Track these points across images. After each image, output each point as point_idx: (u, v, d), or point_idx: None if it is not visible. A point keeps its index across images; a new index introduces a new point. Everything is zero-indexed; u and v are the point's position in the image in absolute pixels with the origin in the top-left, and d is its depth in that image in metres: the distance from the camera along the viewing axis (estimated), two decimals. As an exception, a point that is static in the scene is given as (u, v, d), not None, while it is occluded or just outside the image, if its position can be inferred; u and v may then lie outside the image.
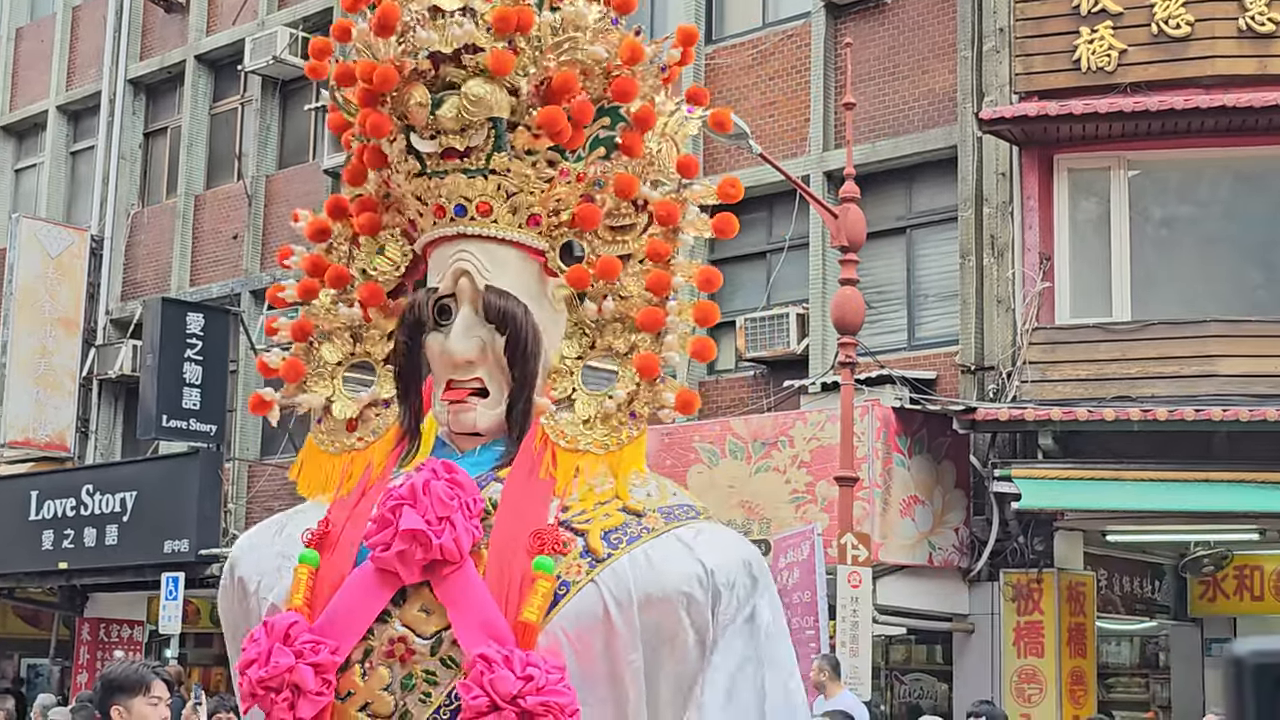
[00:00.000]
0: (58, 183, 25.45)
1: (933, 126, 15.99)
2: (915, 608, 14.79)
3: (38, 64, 26.24)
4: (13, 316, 23.00)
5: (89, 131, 25.29)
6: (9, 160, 26.65)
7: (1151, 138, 14.78)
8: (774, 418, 15.70)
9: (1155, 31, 14.54)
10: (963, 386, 15.27)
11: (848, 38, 16.01)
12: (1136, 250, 15.04)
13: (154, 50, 24.19)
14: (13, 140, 26.75)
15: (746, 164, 16.32)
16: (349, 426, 2.79)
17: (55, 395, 23.31)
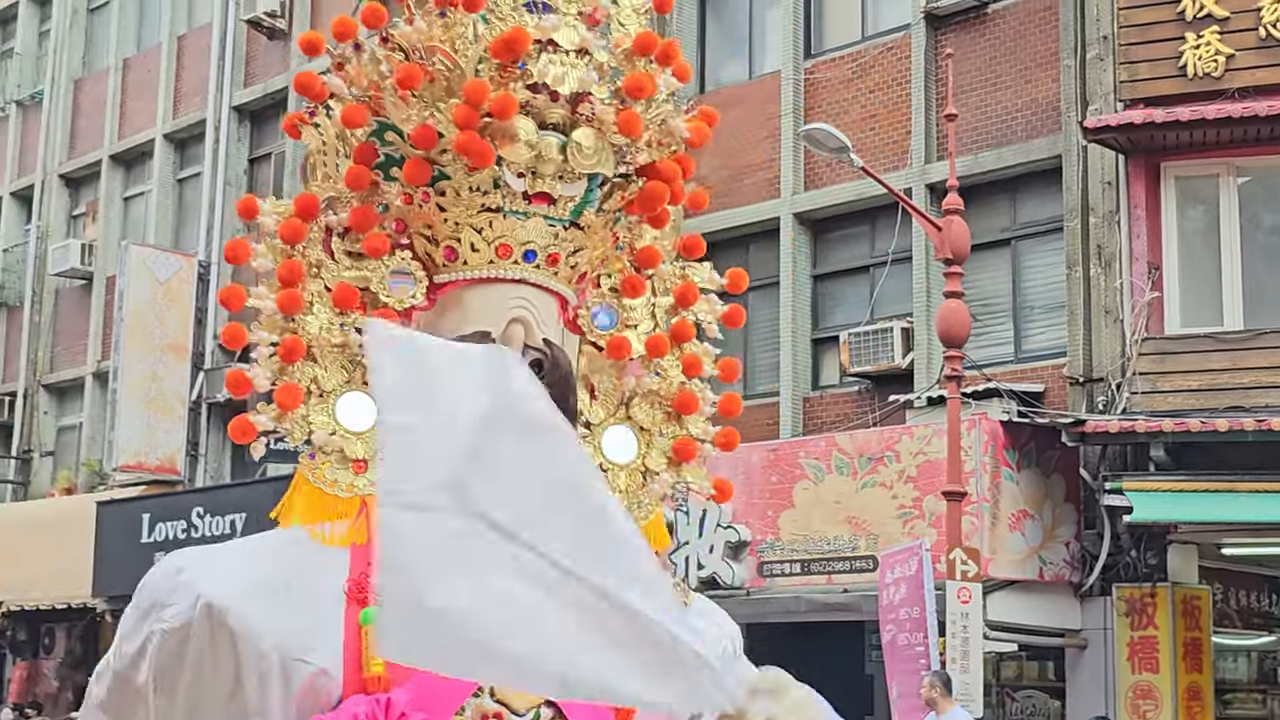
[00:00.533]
0: (165, 210, 25.79)
1: (1036, 136, 15.84)
2: (1026, 623, 14.62)
3: (144, 93, 26.61)
4: (123, 342, 23.33)
5: (195, 158, 25.60)
6: (118, 189, 27.03)
7: (1260, 143, 14.55)
8: (880, 433, 15.60)
9: (1263, 35, 14.34)
10: (1071, 399, 15.10)
11: (948, 48, 15.93)
12: (1247, 258, 14.82)
13: (257, 77, 24.50)
14: (121, 169, 27.13)
15: (848, 178, 16.31)
16: (357, 468, 2.56)
17: (165, 419, 23.61)
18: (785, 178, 17.64)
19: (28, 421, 27.35)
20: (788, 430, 17.02)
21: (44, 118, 28.41)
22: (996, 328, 16.20)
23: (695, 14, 19.24)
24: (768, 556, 15.69)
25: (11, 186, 29.03)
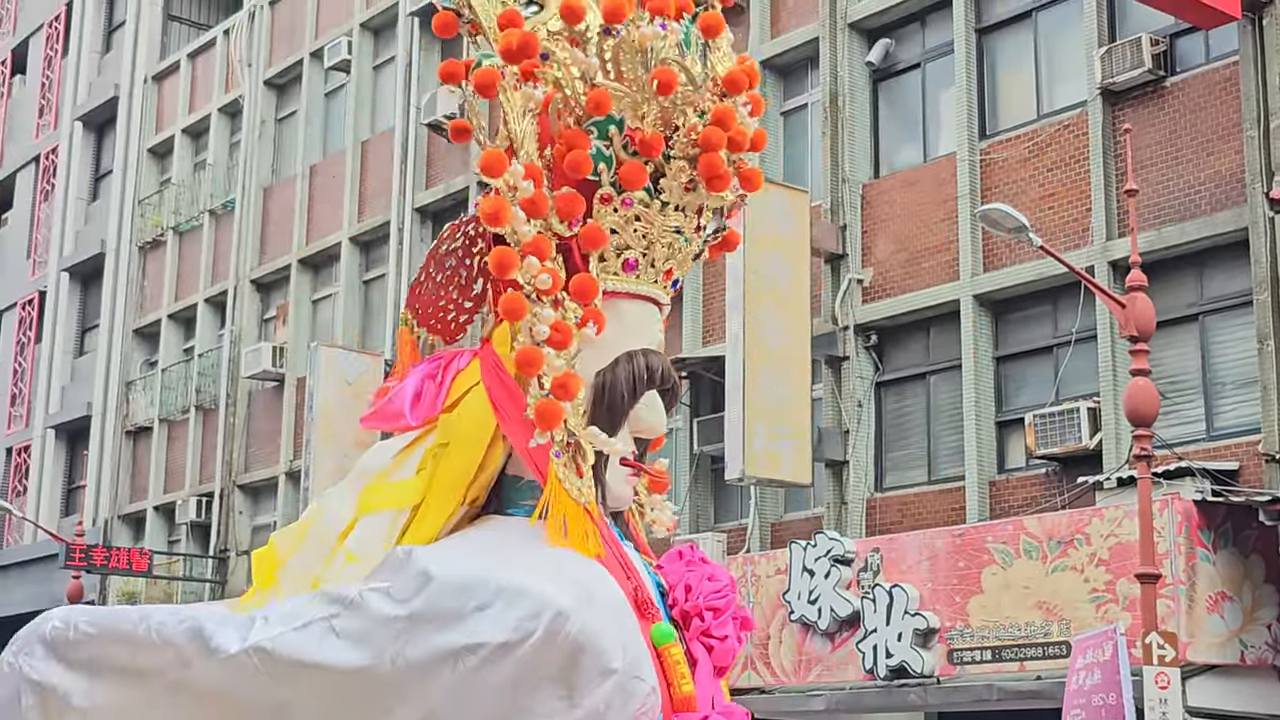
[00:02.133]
0: (352, 311, 26.32)
1: (1221, 209, 15.56)
2: (1229, 709, 14.21)
3: (330, 198, 27.26)
4: (314, 442, 23.80)
5: (380, 260, 26.12)
6: (306, 292, 27.66)
7: None
8: (1069, 515, 15.34)
9: None
10: (1268, 476, 14.71)
11: (1126, 124, 15.75)
12: None
13: (438, 178, 25.00)
14: (309, 272, 27.77)
15: (1028, 257, 16.17)
16: (579, 473, 2.41)
17: (356, 516, 24.03)
18: (964, 259, 17.53)
19: (224, 521, 27.95)
20: (974, 514, 16.80)
21: (235, 225, 29.23)
22: (1186, 405, 15.87)
23: (868, 97, 19.29)
24: (957, 644, 15.47)
25: (206, 294, 29.86)
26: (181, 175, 31.52)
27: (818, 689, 16.64)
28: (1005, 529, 15.62)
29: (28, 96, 38.04)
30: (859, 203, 18.92)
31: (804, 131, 20.03)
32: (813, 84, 19.90)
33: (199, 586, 27.88)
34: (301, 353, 26.28)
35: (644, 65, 2.42)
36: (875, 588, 16.09)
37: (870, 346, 18.65)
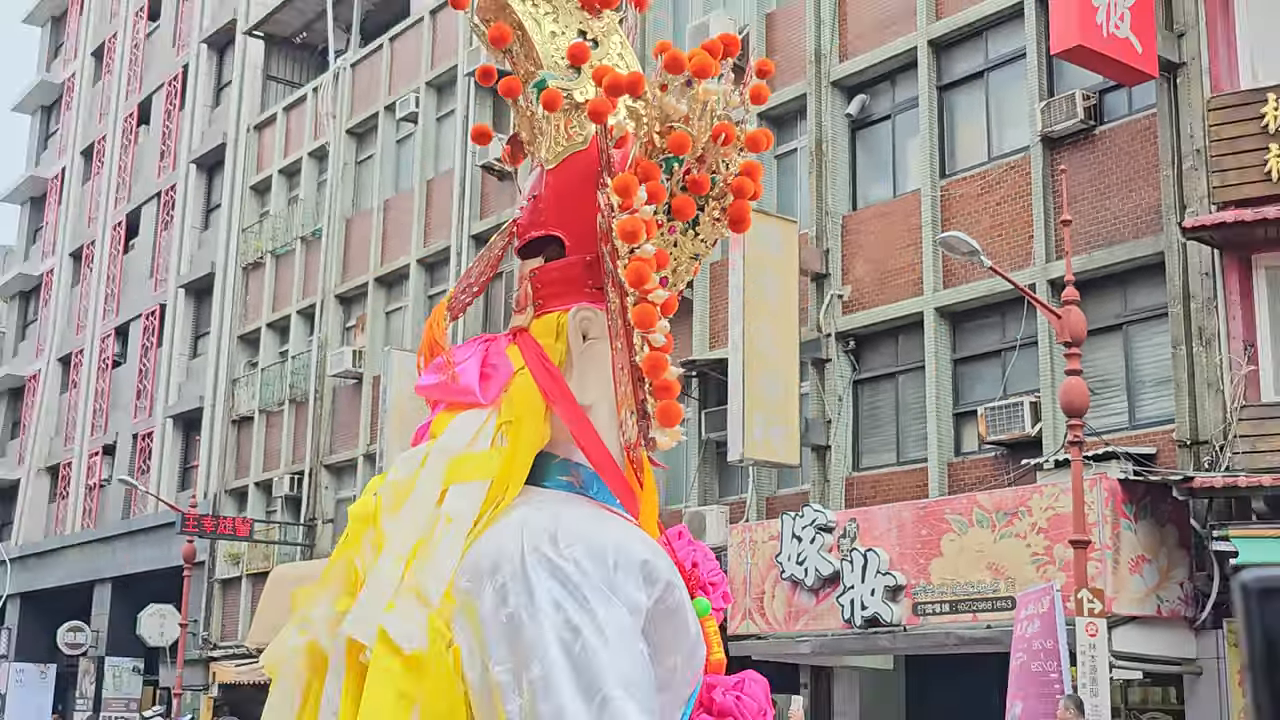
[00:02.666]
0: (419, 320, 26.37)
1: (1141, 236, 15.53)
2: (1148, 654, 14.16)
3: (400, 227, 27.38)
4: (386, 429, 23.90)
5: (442, 279, 26.23)
6: (381, 305, 27.78)
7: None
8: (1014, 491, 15.34)
9: (1338, 143, 13.95)
10: (1180, 459, 14.68)
11: (1062, 165, 15.72)
12: (1333, 334, 14.38)
13: (490, 210, 25.06)
14: (383, 289, 27.87)
15: (980, 277, 16.16)
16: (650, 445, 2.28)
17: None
18: (927, 278, 17.52)
19: (312, 495, 28.09)
20: (935, 491, 16.80)
21: (322, 250, 29.39)
22: (1112, 400, 15.85)
23: (847, 143, 19.30)
24: (921, 598, 15.48)
25: (298, 306, 30.04)
26: (278, 208, 31.70)
27: (804, 635, 16.66)
28: (961, 503, 15.62)
29: (151, 143, 38.26)
30: (839, 231, 18.93)
31: (793, 171, 20.05)
32: (801, 132, 19.90)
33: (292, 550, 28.03)
34: (377, 355, 26.41)
35: (709, 118, 2.38)
36: (852, 551, 16.11)
37: (849, 350, 18.66)
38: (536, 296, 2.40)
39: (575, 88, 2.46)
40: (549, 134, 2.45)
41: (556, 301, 2.36)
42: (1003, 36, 17.63)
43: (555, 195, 2.42)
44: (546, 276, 2.37)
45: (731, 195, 2.35)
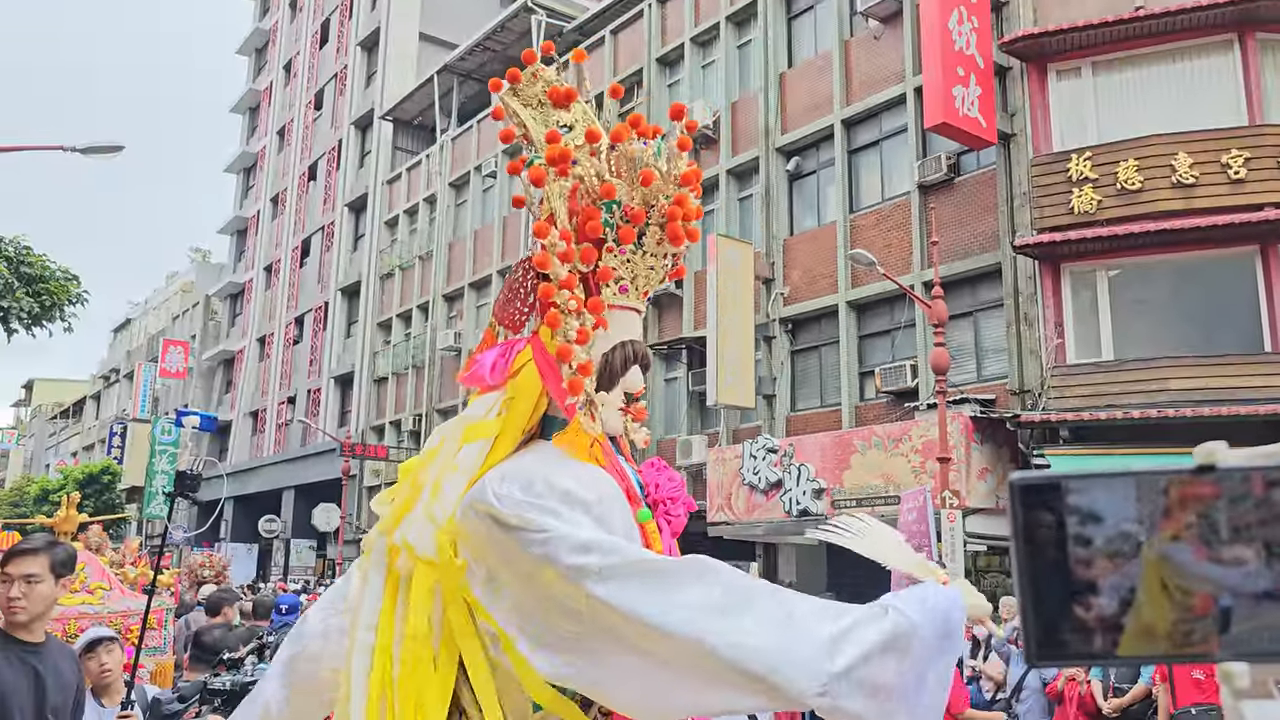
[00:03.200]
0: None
1: (986, 251, 15.50)
2: (989, 534, 14.22)
3: (486, 248, 27.32)
4: (477, 385, 23.99)
5: (514, 283, 26.23)
6: (473, 301, 27.75)
7: (1120, 251, 14.05)
8: (900, 425, 15.37)
9: (1120, 188, 13.88)
10: (1012, 403, 14.71)
11: (932, 204, 15.69)
12: (1116, 315, 14.32)
13: (546, 237, 25.06)
14: (475, 291, 27.78)
15: (876, 279, 16.12)
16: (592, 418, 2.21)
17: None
18: (841, 281, 17.50)
19: (427, 429, 28.16)
20: (846, 424, 16.81)
21: (433, 264, 29.44)
22: (966, 363, 15.84)
23: (786, 190, 19.24)
24: (837, 497, 15.52)
25: (417, 302, 30.12)
26: (403, 236, 31.72)
27: (758, 523, 16.74)
28: (864, 433, 15.65)
29: (317, 192, 38.29)
30: (781, 249, 18.90)
31: (751, 210, 19.99)
32: (755, 182, 19.84)
33: (414, 466, 28.19)
34: (470, 336, 26.50)
35: (634, 167, 2.40)
36: (790, 466, 16.17)
37: (788, 331, 18.66)
38: (541, 312, 2.37)
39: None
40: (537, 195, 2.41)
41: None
42: (892, 116, 17.54)
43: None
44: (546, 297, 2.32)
45: (666, 219, 2.37)
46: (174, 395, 48.77)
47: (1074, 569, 0.88)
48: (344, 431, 31.71)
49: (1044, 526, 0.89)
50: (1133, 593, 0.87)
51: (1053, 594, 0.88)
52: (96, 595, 5.88)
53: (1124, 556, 0.88)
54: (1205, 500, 0.87)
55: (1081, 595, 0.88)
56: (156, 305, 61.36)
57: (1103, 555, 0.88)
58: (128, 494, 47.50)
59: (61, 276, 20.20)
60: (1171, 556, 0.88)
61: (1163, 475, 0.88)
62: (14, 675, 3.22)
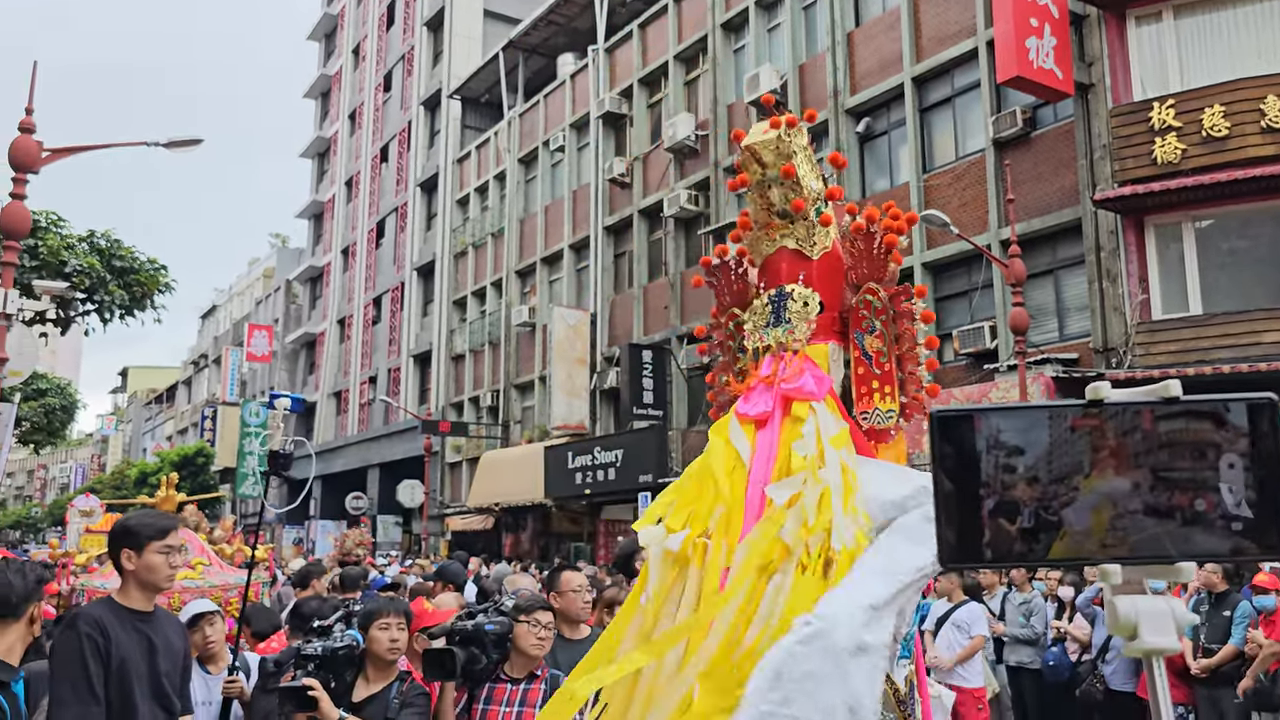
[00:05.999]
0: (571, 287, 26.64)
1: (1065, 207, 15.18)
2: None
3: (556, 224, 27.53)
4: (552, 359, 24.30)
5: (585, 257, 26.33)
6: (546, 276, 28.02)
7: (1207, 202, 13.64)
8: (979, 387, 15.20)
9: (1204, 136, 13.45)
10: (1095, 362, 14.43)
11: (1008, 160, 15.40)
12: (1204, 268, 13.94)
13: (616, 210, 25.18)
14: (547, 266, 28.05)
15: (952, 240, 15.90)
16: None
17: (577, 400, 24.44)
18: (915, 243, 17.30)
19: (505, 405, 28.65)
20: (924, 389, 16.66)
21: (505, 241, 29.71)
22: (1046, 322, 15.58)
23: (857, 152, 19.04)
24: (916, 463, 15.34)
25: (490, 279, 30.45)
26: (475, 214, 32.09)
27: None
28: (942, 396, 15.49)
29: (389, 174, 38.90)
30: (854, 213, 18.71)
31: (821, 173, 19.79)
32: (824, 146, 19.66)
33: (493, 441, 28.65)
34: (544, 311, 26.76)
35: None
36: (868, 432, 16.12)
37: (862, 295, 18.51)
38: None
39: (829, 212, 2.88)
40: (818, 237, 2.83)
41: (820, 337, 2.73)
42: (964, 72, 17.20)
43: (820, 275, 2.81)
44: (818, 322, 2.75)
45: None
46: (260, 378, 50.24)
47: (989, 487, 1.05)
48: (424, 409, 32.37)
49: (959, 452, 1.06)
50: (1045, 508, 1.04)
51: (964, 509, 1.05)
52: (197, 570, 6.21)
53: (1038, 479, 1.04)
54: (1097, 431, 1.03)
55: (993, 510, 1.05)
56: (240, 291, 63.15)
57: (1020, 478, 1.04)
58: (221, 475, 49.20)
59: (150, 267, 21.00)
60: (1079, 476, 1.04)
61: (1065, 409, 1.05)
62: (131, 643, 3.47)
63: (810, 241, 2.83)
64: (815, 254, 2.79)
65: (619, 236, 25.33)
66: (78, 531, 21.37)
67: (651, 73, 24.45)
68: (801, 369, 2.65)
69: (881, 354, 2.66)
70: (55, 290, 15.91)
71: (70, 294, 19.54)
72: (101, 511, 23.36)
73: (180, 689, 3.67)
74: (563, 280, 26.93)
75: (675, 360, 21.90)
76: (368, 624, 4.02)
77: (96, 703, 3.31)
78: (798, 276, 2.79)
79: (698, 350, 3.10)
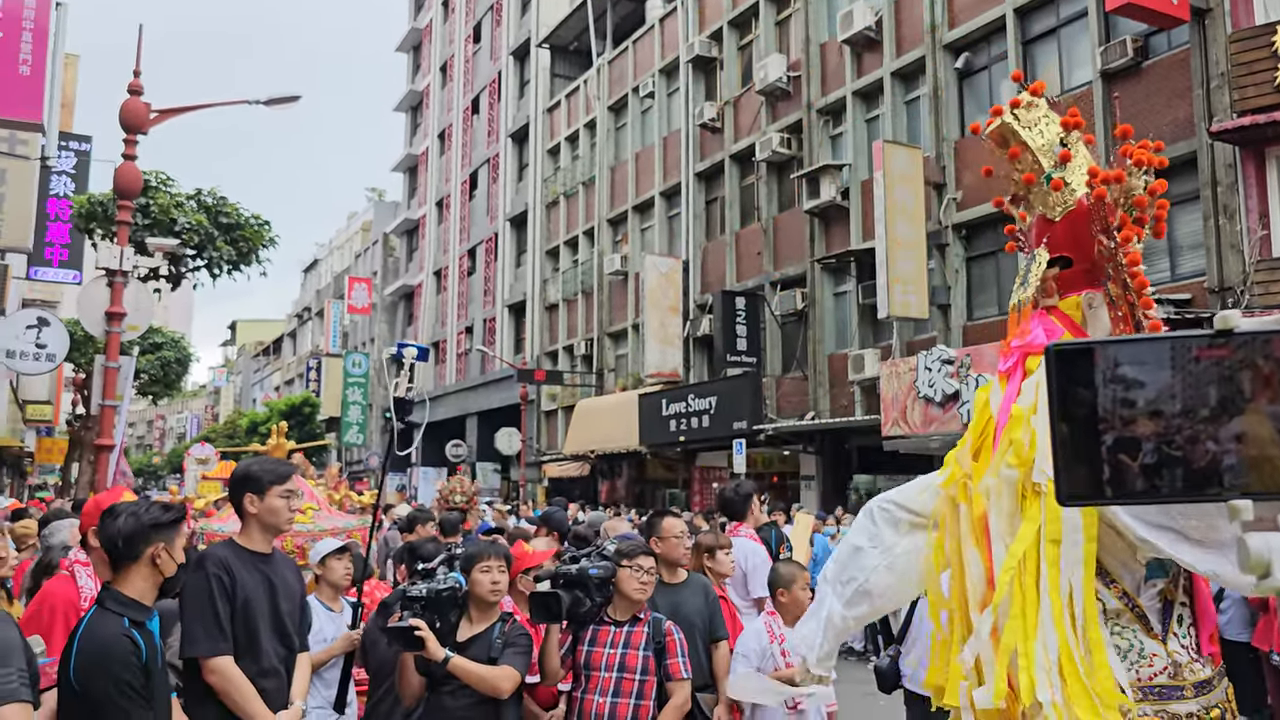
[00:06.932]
0: (663, 234, 26.57)
1: (1179, 140, 14.47)
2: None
3: (647, 171, 27.41)
4: (645, 308, 24.34)
5: (676, 204, 26.19)
6: (637, 224, 27.98)
7: (1336, 129, 12.87)
8: (1084, 330, 14.72)
9: (1334, 59, 12.65)
10: (1210, 302, 13.83)
11: (1117, 92, 14.74)
12: (1330, 203, 13.20)
13: (707, 155, 24.93)
14: (638, 214, 28.02)
15: (1056, 178, 15.31)
16: None
17: (670, 347, 24.51)
18: (1017, 182, 16.75)
19: (599, 354, 28.88)
20: (1027, 332, 16.23)
21: (596, 190, 29.73)
22: (1159, 261, 14.95)
23: (956, 89, 18.43)
24: (1017, 407, 15.07)
25: (582, 229, 30.49)
26: (565, 163, 32.15)
27: (935, 436, 16.46)
28: (1045, 340, 15.09)
29: (481, 126, 39.16)
30: (953, 152, 18.19)
31: (918, 112, 19.28)
32: (922, 83, 19.10)
33: (588, 390, 28.95)
34: (635, 259, 26.78)
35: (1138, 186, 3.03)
36: (968, 377, 15.76)
37: (962, 237, 18.05)
38: (1060, 289, 2.96)
39: (1065, 175, 3.07)
40: (1055, 201, 3.04)
41: (1070, 290, 2.96)
42: (1069, 1, 16.45)
43: (1063, 234, 3.01)
44: (1065, 277, 2.97)
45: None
46: (361, 330, 51.54)
47: (1108, 422, 1.03)
48: (519, 358, 32.83)
49: (1076, 387, 1.04)
50: (1167, 443, 1.01)
51: (1083, 445, 1.03)
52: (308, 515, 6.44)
53: (1161, 413, 1.01)
54: (1225, 361, 1.00)
55: (1117, 447, 1.03)
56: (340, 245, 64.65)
57: (1141, 412, 1.02)
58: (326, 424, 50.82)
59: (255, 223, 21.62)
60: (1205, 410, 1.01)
61: (1190, 340, 1.01)
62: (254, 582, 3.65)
63: (1051, 206, 3.07)
64: (1058, 216, 3.01)
65: (710, 182, 25.09)
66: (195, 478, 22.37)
67: (742, 14, 23.99)
68: (1031, 325, 2.92)
69: (1118, 299, 2.87)
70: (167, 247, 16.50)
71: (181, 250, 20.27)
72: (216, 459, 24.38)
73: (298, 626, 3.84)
74: (654, 228, 26.85)
75: (768, 306, 21.73)
76: (469, 567, 4.14)
77: (225, 639, 3.51)
78: (1043, 240, 3.05)
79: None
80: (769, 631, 4.86)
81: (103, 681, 2.92)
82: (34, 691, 2.67)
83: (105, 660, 2.93)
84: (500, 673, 3.88)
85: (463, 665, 3.86)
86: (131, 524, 3.11)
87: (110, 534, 3.11)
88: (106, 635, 2.98)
